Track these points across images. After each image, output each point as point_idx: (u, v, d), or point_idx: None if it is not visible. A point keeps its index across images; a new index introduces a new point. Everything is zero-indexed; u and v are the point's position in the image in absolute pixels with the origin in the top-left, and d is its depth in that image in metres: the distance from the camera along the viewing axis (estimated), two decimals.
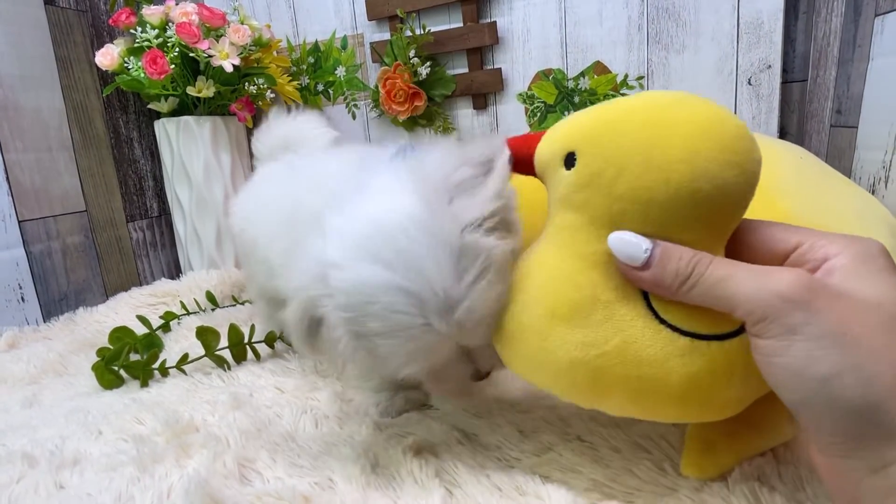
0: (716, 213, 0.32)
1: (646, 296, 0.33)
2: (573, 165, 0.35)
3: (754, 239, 0.34)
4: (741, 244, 0.34)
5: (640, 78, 0.96)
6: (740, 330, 0.32)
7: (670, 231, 0.32)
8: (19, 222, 0.89)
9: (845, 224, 0.54)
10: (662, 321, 0.33)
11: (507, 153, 0.40)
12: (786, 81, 0.90)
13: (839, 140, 0.76)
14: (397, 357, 0.37)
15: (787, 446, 0.44)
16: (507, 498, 0.41)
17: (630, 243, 0.32)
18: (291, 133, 0.73)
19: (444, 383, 0.44)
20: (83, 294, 0.99)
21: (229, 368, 0.71)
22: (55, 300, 0.95)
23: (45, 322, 0.92)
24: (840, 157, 0.75)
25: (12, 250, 0.88)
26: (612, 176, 0.32)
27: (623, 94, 0.97)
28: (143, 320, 0.82)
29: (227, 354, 0.72)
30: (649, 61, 0.94)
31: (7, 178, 0.85)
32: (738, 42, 0.89)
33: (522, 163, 0.40)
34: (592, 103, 0.97)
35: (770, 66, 0.88)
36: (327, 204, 0.40)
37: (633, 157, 0.32)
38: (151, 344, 0.78)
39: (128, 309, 0.95)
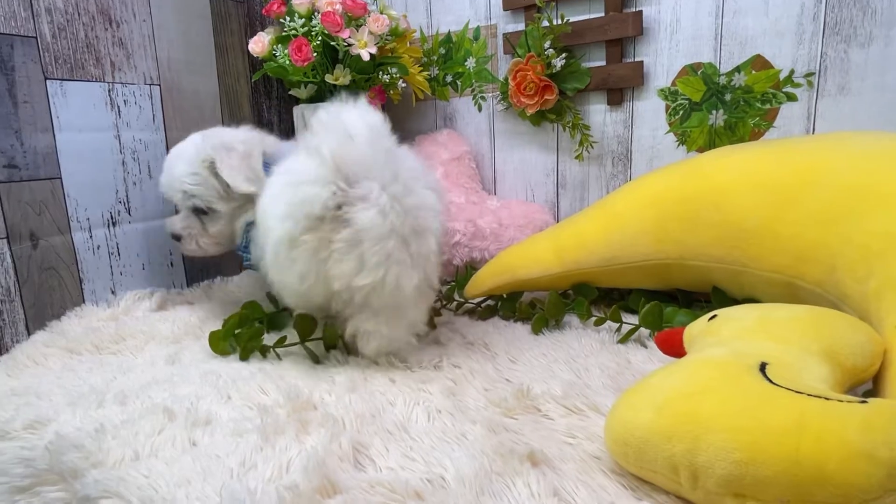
0: None
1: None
2: None
3: None
4: None
5: (810, 75, 0.84)
6: None
7: None
8: None
9: None
10: None
11: None
12: None
13: None
14: None
15: None
16: None
17: None
18: None
19: None
20: (220, 266, 1.08)
21: (318, 362, 0.70)
22: (198, 268, 1.04)
23: (187, 287, 1.01)
24: None
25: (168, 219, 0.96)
26: None
27: (786, 93, 0.86)
28: (272, 298, 0.87)
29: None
30: (823, 56, 0.82)
31: (168, 153, 0.94)
32: None
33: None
34: (747, 102, 0.88)
35: None
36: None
37: None
38: (276, 321, 0.83)
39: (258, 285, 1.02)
